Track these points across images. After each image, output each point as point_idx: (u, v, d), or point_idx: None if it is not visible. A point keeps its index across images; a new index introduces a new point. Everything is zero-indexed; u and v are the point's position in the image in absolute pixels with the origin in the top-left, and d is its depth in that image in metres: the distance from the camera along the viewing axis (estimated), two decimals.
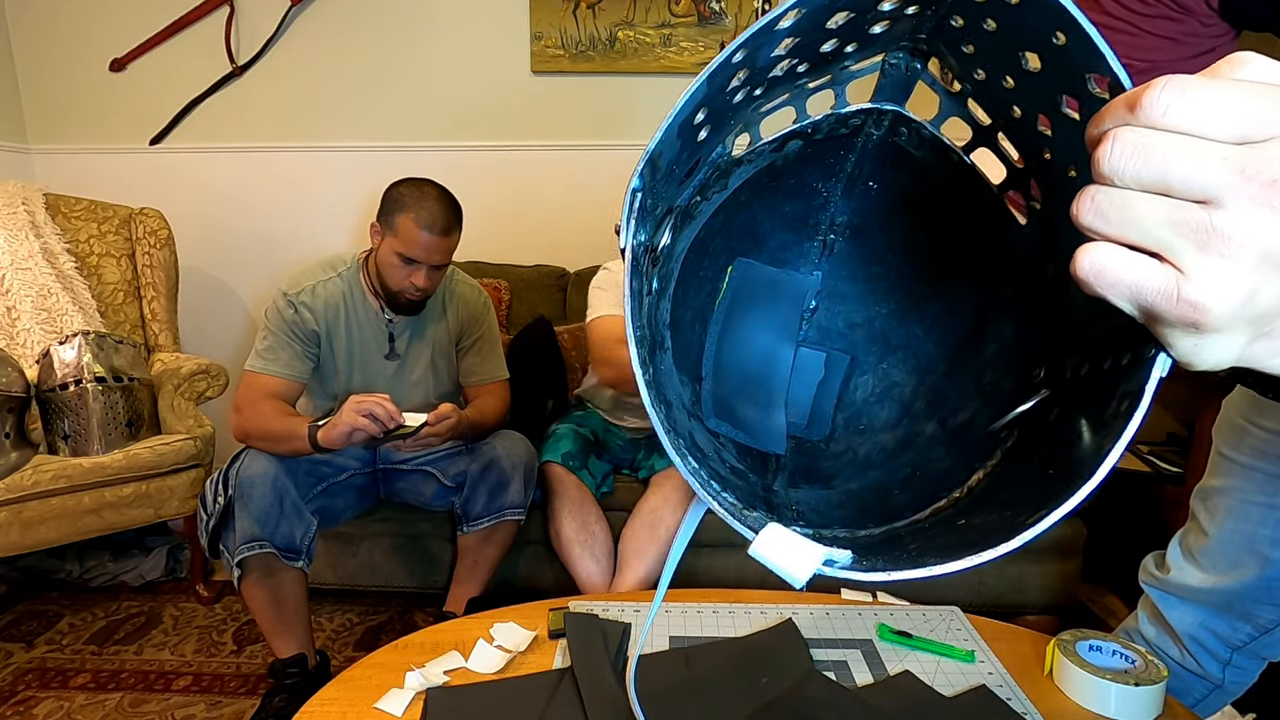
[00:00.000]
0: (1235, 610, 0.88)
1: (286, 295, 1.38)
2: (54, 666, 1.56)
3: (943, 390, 0.43)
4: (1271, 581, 0.84)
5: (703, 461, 0.43)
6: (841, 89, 0.40)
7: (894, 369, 0.46)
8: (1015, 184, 0.37)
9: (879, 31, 0.36)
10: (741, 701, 0.77)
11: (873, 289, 0.46)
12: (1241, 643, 0.89)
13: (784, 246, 0.47)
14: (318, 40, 2.27)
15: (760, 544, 0.32)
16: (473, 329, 1.55)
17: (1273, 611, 0.86)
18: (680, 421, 0.45)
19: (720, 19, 2.19)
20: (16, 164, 2.32)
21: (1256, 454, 0.81)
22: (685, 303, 0.46)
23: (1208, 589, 0.89)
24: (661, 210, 0.40)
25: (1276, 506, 0.81)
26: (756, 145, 0.42)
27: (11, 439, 1.60)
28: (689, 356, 0.47)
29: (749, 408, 0.47)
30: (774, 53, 0.34)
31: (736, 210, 0.45)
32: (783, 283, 0.47)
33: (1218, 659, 0.91)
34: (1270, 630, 0.87)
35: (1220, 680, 0.92)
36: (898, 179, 0.43)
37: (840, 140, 0.42)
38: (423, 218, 1.31)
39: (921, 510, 0.39)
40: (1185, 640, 0.92)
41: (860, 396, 0.46)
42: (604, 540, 1.46)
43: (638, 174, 0.35)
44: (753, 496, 0.43)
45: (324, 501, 1.40)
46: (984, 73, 0.34)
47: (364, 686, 0.81)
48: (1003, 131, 0.36)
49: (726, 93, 0.35)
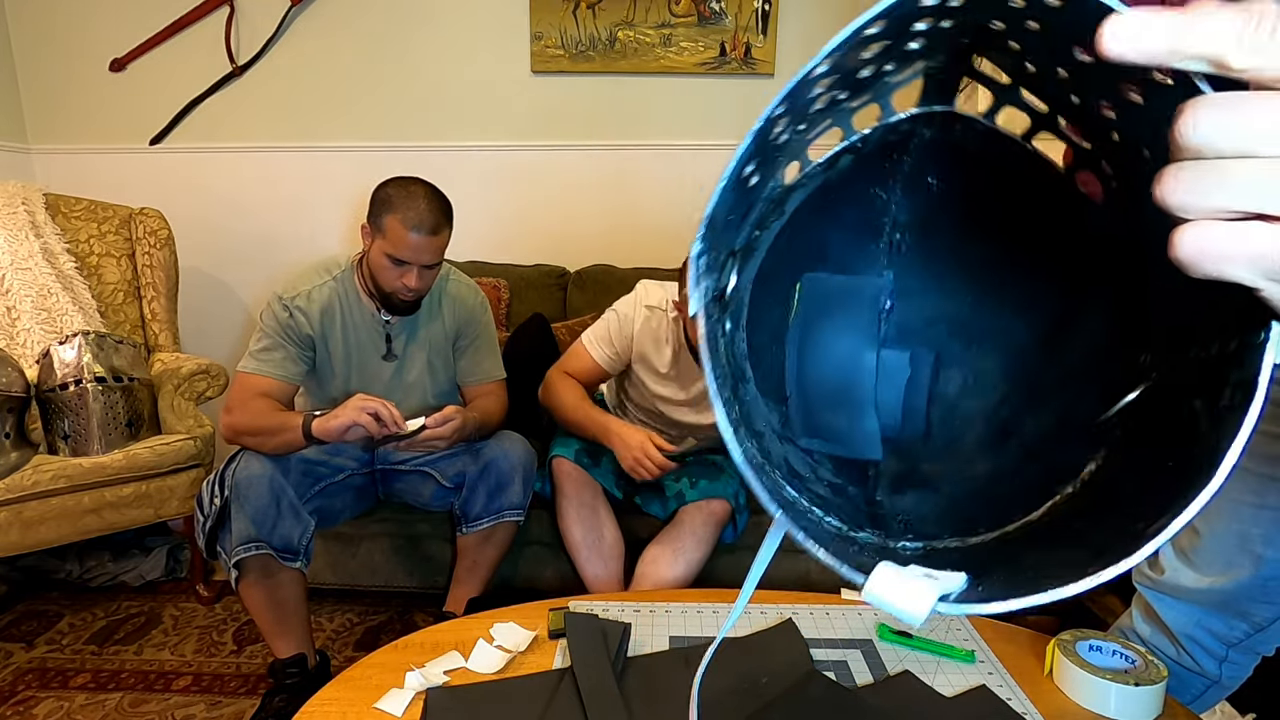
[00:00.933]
0: (1231, 609, 0.88)
1: (281, 299, 1.37)
2: (54, 666, 1.56)
3: (1038, 377, 0.42)
4: (1267, 580, 0.84)
5: (801, 488, 0.43)
6: (886, 100, 0.39)
7: (983, 359, 0.45)
8: (1084, 165, 0.36)
9: (916, 48, 0.35)
10: (741, 701, 0.77)
11: (948, 283, 0.45)
12: (1238, 640, 0.89)
13: (850, 255, 0.46)
14: (318, 40, 2.27)
15: (873, 585, 0.32)
16: (469, 329, 1.54)
17: (1268, 609, 0.86)
18: (774, 450, 0.44)
19: (720, 19, 2.19)
20: (16, 164, 2.32)
21: (1246, 455, 0.81)
22: (759, 329, 0.46)
23: (1203, 589, 0.89)
24: (723, 256, 0.40)
25: (1268, 506, 0.81)
26: (808, 169, 0.42)
27: (11, 439, 1.60)
28: (771, 380, 0.47)
29: (838, 418, 0.46)
30: (812, 94, 0.34)
31: (796, 232, 0.45)
32: (854, 288, 0.46)
33: (1214, 656, 0.91)
34: (1266, 627, 0.87)
35: (1217, 676, 0.92)
36: (958, 173, 0.42)
37: (892, 146, 0.42)
38: (410, 218, 1.29)
39: (1034, 509, 0.38)
40: (1181, 639, 0.92)
41: (953, 390, 0.45)
42: (613, 543, 1.44)
43: (700, 239, 0.35)
44: (856, 512, 0.43)
45: (321, 502, 1.40)
46: (1035, 66, 0.34)
47: (364, 686, 0.81)
48: (1062, 116, 0.35)
49: (770, 140, 0.35)
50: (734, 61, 2.22)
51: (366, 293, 1.43)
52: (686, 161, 2.30)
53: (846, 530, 0.42)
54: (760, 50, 2.21)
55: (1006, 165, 0.39)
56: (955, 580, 0.32)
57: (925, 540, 0.40)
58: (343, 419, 1.24)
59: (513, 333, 1.96)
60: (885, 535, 0.41)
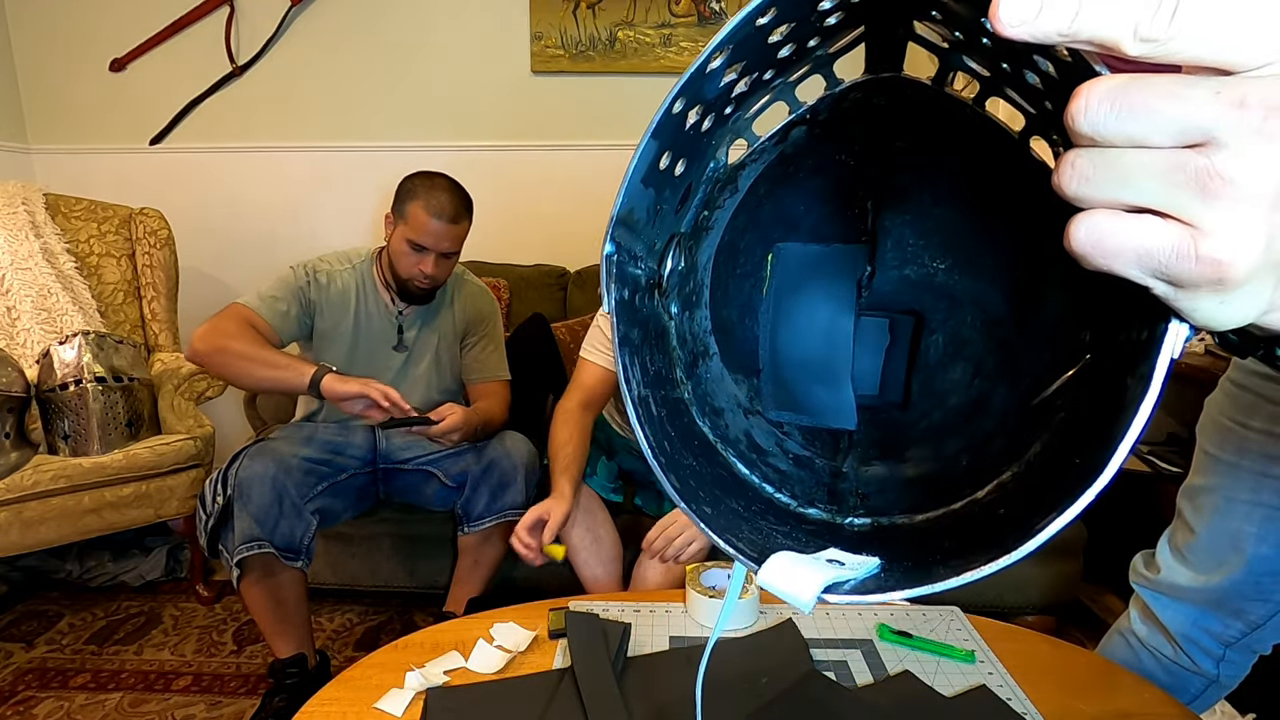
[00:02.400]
0: (1226, 608, 0.88)
1: (305, 265, 1.45)
2: (54, 666, 1.56)
3: (1011, 349, 0.41)
4: (1260, 577, 0.84)
5: (757, 463, 0.43)
6: (829, 70, 0.38)
7: (962, 325, 0.43)
8: (1034, 130, 0.35)
9: (835, 21, 0.34)
10: (741, 701, 0.77)
11: (927, 245, 0.44)
12: (1234, 639, 0.90)
13: (822, 222, 0.45)
14: (318, 40, 2.27)
15: (766, 571, 0.32)
16: (479, 326, 1.58)
17: (1262, 607, 0.86)
18: (734, 425, 0.44)
19: (720, 19, 2.19)
20: (16, 164, 2.31)
21: (1240, 452, 0.81)
22: (729, 302, 0.45)
23: (1197, 587, 0.89)
24: (661, 244, 0.40)
25: (1261, 504, 0.81)
26: (755, 145, 0.42)
27: (11, 439, 1.60)
28: (740, 353, 0.46)
29: (815, 388, 0.45)
30: (722, 82, 0.33)
31: (758, 205, 0.44)
32: (829, 256, 0.45)
33: (1211, 656, 0.91)
34: (1261, 626, 0.87)
35: (1215, 675, 0.92)
36: (921, 137, 0.41)
37: (848, 114, 0.41)
38: (432, 205, 1.36)
39: (981, 488, 0.37)
40: (1179, 639, 0.92)
41: (933, 357, 0.44)
42: (611, 545, 1.44)
43: (609, 239, 0.35)
44: (815, 487, 0.43)
45: (324, 501, 1.40)
46: (960, 33, 0.33)
47: (364, 686, 0.81)
48: (1007, 84, 0.34)
49: (686, 130, 0.35)
50: None
51: (383, 283, 1.48)
52: None
53: (795, 506, 0.42)
54: None
55: (963, 130, 0.38)
56: (865, 566, 0.31)
57: (875, 516, 0.40)
58: (354, 387, 1.26)
59: (513, 333, 1.96)
60: (837, 511, 0.41)
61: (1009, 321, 0.41)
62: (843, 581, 0.31)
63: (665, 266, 0.41)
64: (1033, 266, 0.40)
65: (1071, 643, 0.94)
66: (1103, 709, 0.78)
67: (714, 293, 0.45)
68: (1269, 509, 0.80)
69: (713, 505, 0.37)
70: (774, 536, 0.37)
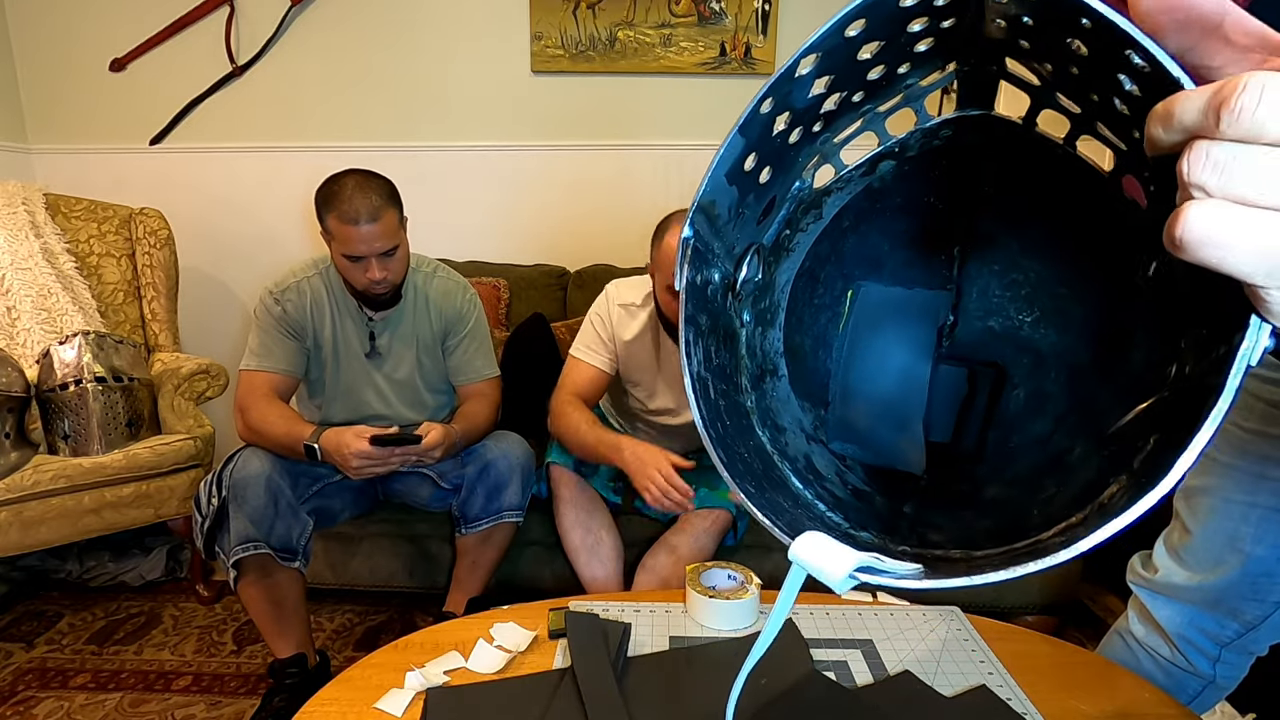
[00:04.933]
0: (1222, 608, 0.88)
1: (272, 293, 1.39)
2: (54, 666, 1.56)
3: (1093, 401, 0.40)
4: (1256, 578, 0.84)
5: (813, 485, 0.42)
6: (919, 104, 0.38)
7: (1045, 380, 0.42)
8: (1128, 168, 0.34)
9: (926, 49, 0.34)
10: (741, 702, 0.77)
11: (1013, 296, 0.43)
12: (1229, 639, 0.90)
13: (907, 265, 0.45)
14: (318, 40, 2.27)
15: (799, 546, 0.32)
16: (458, 326, 1.52)
17: (1257, 608, 0.86)
18: (794, 445, 0.44)
19: (720, 19, 2.19)
20: (16, 164, 2.31)
21: (1237, 453, 0.82)
22: (803, 330, 0.45)
23: (1193, 587, 0.89)
24: (740, 249, 0.40)
25: (1258, 505, 0.81)
26: (843, 173, 0.42)
27: (11, 439, 1.60)
28: (811, 383, 0.46)
29: (884, 429, 0.45)
30: (810, 93, 0.33)
31: (841, 237, 0.44)
32: (912, 301, 0.45)
33: (1208, 656, 0.92)
34: (1256, 626, 0.87)
35: (1212, 677, 0.92)
36: (1011, 180, 0.40)
37: (939, 151, 0.40)
38: (346, 213, 1.27)
39: (1048, 529, 0.36)
40: (1175, 639, 0.93)
41: (1013, 410, 0.43)
42: (611, 545, 1.43)
43: (689, 223, 0.36)
44: (871, 517, 0.42)
45: (320, 502, 1.40)
46: (1050, 65, 0.32)
47: (364, 686, 0.81)
48: (1098, 119, 0.34)
49: (773, 137, 0.35)
50: (734, 61, 2.22)
51: (350, 291, 1.43)
52: (687, 161, 2.30)
53: (847, 528, 0.41)
54: (760, 50, 2.21)
55: (1054, 171, 0.37)
56: (904, 570, 0.31)
57: (929, 549, 0.39)
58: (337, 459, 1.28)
59: (513, 333, 1.96)
60: (889, 539, 0.40)
61: (1094, 374, 0.40)
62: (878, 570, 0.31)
63: (741, 272, 0.41)
64: (1122, 311, 0.38)
65: (1071, 643, 0.94)
66: (1103, 709, 0.78)
67: (789, 316, 0.45)
68: (1265, 510, 0.81)
69: (758, 490, 0.37)
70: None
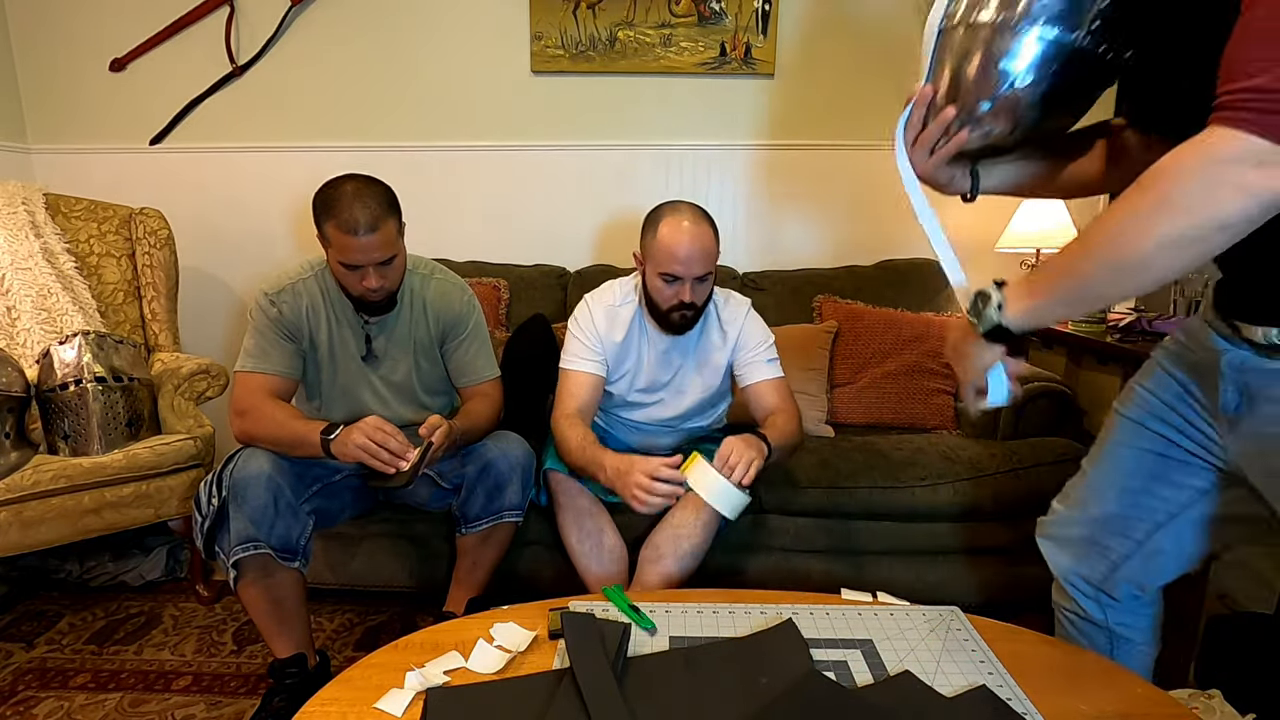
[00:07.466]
0: (1095, 547, 0.95)
1: (268, 295, 1.37)
2: (54, 666, 1.56)
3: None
4: (1126, 511, 0.91)
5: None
6: None
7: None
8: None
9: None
10: (742, 702, 0.77)
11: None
12: (1100, 578, 0.96)
13: None
14: (318, 40, 2.27)
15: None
16: (456, 329, 1.50)
17: (1123, 544, 0.93)
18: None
19: (720, 19, 2.19)
20: (16, 164, 2.32)
21: (1138, 410, 0.91)
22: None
23: (1072, 522, 0.98)
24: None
25: (1141, 449, 0.90)
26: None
27: (11, 439, 1.60)
28: None
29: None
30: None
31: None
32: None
33: (1090, 598, 0.98)
34: (1119, 565, 0.94)
35: (1104, 621, 0.98)
36: None
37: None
38: (345, 222, 1.24)
39: None
40: (1066, 586, 1.00)
41: None
42: (613, 546, 1.42)
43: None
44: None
45: (320, 502, 1.39)
46: None
47: (364, 686, 0.81)
48: None
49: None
50: (734, 61, 2.22)
51: (345, 294, 1.41)
52: (686, 161, 2.30)
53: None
54: (760, 50, 2.21)
55: None
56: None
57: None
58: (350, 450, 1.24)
59: (513, 333, 1.96)
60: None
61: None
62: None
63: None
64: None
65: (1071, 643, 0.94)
66: (1102, 709, 0.78)
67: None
68: (1141, 450, 0.90)
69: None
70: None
